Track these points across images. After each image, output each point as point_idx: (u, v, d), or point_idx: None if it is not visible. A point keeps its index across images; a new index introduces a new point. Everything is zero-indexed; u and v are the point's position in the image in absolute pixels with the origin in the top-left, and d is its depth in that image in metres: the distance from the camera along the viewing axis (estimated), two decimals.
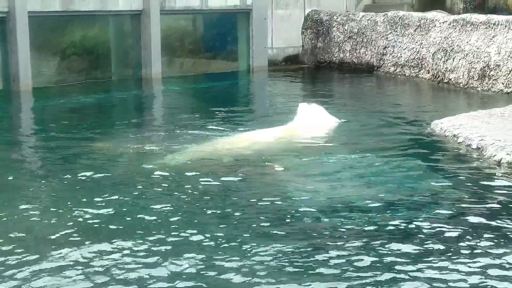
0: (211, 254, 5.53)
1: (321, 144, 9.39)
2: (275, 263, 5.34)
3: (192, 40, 17.23)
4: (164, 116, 12.30)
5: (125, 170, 8.13)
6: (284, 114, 11.19)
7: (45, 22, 14.68)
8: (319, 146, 9.29)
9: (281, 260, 5.40)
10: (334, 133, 10.05)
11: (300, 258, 5.43)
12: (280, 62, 17.83)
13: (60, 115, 12.05)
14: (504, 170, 7.69)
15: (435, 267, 5.26)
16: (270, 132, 9.74)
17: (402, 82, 15.12)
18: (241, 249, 5.61)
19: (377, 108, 12.20)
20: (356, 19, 16.63)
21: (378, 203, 6.74)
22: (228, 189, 7.30)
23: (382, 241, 5.75)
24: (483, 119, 9.67)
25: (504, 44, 12.66)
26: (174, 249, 5.65)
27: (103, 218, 6.38)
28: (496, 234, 5.90)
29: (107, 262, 5.39)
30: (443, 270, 5.19)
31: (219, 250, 5.60)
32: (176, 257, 5.47)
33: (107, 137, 9.87)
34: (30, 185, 7.59)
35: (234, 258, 5.43)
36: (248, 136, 9.71)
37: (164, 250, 5.61)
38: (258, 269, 5.24)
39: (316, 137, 9.69)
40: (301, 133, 9.77)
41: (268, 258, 5.43)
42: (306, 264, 5.33)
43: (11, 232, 6.01)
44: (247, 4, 16.92)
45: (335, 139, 9.81)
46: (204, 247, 5.67)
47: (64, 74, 15.16)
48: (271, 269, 5.25)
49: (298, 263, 5.34)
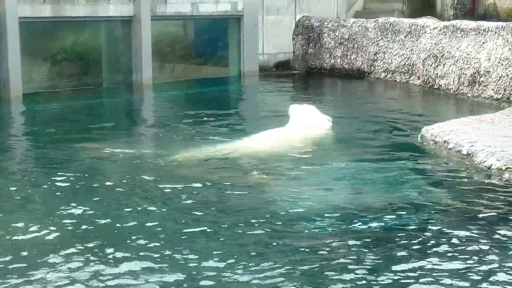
0: (201, 263, 5.52)
1: (311, 152, 9.37)
2: (268, 270, 5.34)
3: (183, 45, 17.22)
4: (155, 122, 12.27)
5: (115, 176, 8.11)
6: (277, 118, 11.28)
7: (36, 28, 14.65)
8: (310, 153, 9.27)
9: (273, 268, 5.39)
10: (326, 135, 10.15)
11: (291, 266, 5.43)
12: (271, 68, 17.85)
13: (51, 121, 12.01)
14: (494, 176, 7.71)
15: (425, 273, 5.27)
16: (265, 136, 9.76)
17: (393, 88, 15.15)
18: (231, 255, 5.60)
19: (367, 114, 12.22)
20: (347, 25, 16.67)
21: (368, 210, 6.75)
22: (218, 196, 7.29)
23: (372, 247, 5.75)
24: (473, 125, 9.70)
25: (494, 50, 12.71)
26: (163, 257, 5.63)
27: (91, 224, 6.36)
28: (486, 240, 5.91)
29: (94, 268, 5.37)
30: (434, 274, 5.20)
31: (209, 258, 5.59)
32: (165, 264, 5.46)
33: (97, 143, 9.84)
34: (19, 191, 7.56)
35: (223, 266, 5.42)
36: (241, 142, 9.70)
37: (154, 257, 5.60)
38: (251, 278, 5.24)
39: (309, 141, 9.74)
40: (296, 135, 9.84)
41: (260, 265, 5.43)
42: (297, 270, 5.33)
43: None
44: (238, 10, 16.94)
45: (326, 145, 9.82)
46: (193, 255, 5.66)
47: (55, 79, 15.12)
48: (264, 278, 5.25)
49: (289, 271, 5.34)
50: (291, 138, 9.74)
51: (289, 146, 9.47)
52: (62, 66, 15.18)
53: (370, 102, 13.98)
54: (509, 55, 12.42)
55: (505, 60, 12.46)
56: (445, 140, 9.02)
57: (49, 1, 14.28)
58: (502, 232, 6.07)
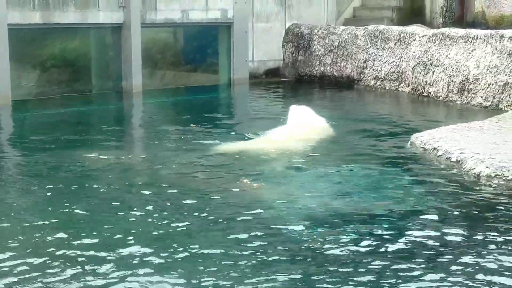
0: (197, 267, 5.51)
1: (303, 157, 9.39)
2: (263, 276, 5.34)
3: (173, 53, 17.22)
4: (145, 128, 12.25)
5: (105, 183, 8.09)
6: (269, 121, 11.49)
7: (25, 34, 14.61)
8: (302, 159, 9.30)
9: (268, 275, 5.39)
10: (324, 133, 10.65)
11: (287, 272, 5.43)
12: (261, 75, 17.86)
13: (40, 128, 11.97)
14: (483, 183, 7.74)
15: (415, 278, 5.27)
16: (265, 137, 10.29)
17: (382, 95, 15.20)
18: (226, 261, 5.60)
19: (357, 121, 12.24)
20: (337, 33, 16.72)
21: (357, 216, 6.76)
22: (206, 203, 7.28)
23: (364, 253, 5.76)
24: (462, 132, 9.74)
25: (483, 58, 12.78)
26: (159, 264, 5.62)
27: (81, 231, 6.34)
28: (475, 246, 5.93)
29: (82, 278, 5.35)
30: (424, 281, 5.21)
31: (202, 266, 5.58)
32: (160, 272, 5.45)
33: (87, 150, 9.81)
34: (7, 198, 7.53)
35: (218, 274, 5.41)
36: (241, 144, 9.96)
37: (149, 264, 5.58)
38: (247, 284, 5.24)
39: (310, 140, 10.24)
40: (295, 133, 10.49)
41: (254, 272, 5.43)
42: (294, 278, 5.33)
43: None
44: (228, 17, 16.96)
45: (316, 152, 9.83)
46: (188, 260, 5.65)
47: (44, 86, 15.09)
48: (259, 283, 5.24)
49: (286, 278, 5.34)
50: (290, 136, 10.34)
51: (286, 148, 9.58)
52: (51, 73, 15.15)
53: (360, 109, 14.01)
54: (497, 63, 12.48)
55: (494, 68, 12.53)
56: (435, 147, 9.05)
57: (38, 7, 14.26)
58: (492, 239, 6.09)
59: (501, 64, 12.44)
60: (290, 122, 10.92)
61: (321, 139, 10.41)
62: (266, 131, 10.68)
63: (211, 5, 16.64)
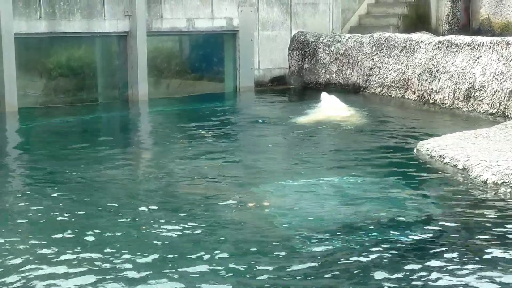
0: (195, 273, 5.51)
1: (308, 165, 9.39)
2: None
3: (179, 61, 17.24)
4: (152, 136, 12.27)
5: (111, 190, 8.09)
6: (279, 127, 11.25)
7: (32, 43, 14.66)
8: (303, 166, 9.29)
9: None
10: (349, 116, 12.97)
11: (291, 280, 5.42)
12: (266, 83, 17.87)
13: (46, 137, 12.00)
14: (490, 191, 7.72)
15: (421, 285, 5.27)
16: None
17: (388, 103, 15.17)
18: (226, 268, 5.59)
19: (363, 128, 12.23)
20: (342, 41, 16.71)
21: (364, 224, 6.74)
22: (217, 209, 7.28)
23: (368, 261, 5.75)
24: (469, 140, 9.72)
25: (489, 65, 12.75)
26: (160, 271, 5.62)
27: (86, 238, 6.35)
28: (482, 254, 5.90)
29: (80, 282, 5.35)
30: None
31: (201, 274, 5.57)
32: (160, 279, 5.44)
33: (93, 159, 9.82)
34: (12, 206, 7.54)
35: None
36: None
37: (151, 270, 5.58)
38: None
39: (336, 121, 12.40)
40: (329, 112, 13.19)
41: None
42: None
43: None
44: (234, 26, 16.98)
45: (323, 157, 9.83)
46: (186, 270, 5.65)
47: (50, 95, 15.13)
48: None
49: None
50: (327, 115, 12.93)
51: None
52: (57, 81, 15.19)
53: (365, 116, 13.98)
54: (503, 70, 12.46)
55: (500, 75, 12.50)
56: (441, 154, 9.03)
57: (44, 17, 14.32)
58: (498, 247, 6.06)
59: (507, 71, 12.41)
60: (323, 105, 13.61)
61: (351, 116, 12.84)
62: (278, 135, 11.67)
63: (216, 14, 16.68)
